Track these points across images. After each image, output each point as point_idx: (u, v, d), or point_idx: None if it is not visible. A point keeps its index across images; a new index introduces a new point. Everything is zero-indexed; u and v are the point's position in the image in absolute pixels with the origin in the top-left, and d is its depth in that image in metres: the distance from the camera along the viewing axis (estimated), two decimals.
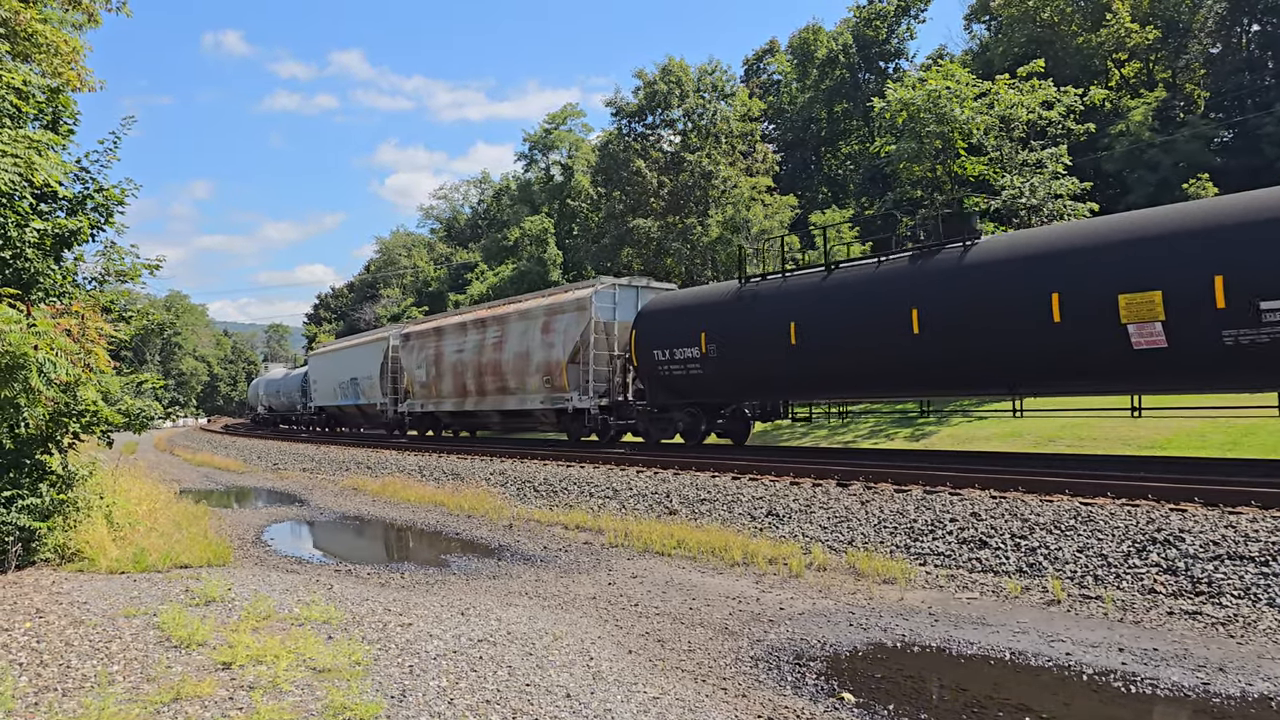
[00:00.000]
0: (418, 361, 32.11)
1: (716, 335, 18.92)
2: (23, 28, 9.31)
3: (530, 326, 25.79)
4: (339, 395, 41.07)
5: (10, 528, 9.41)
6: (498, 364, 27.01)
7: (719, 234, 39.21)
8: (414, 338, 32.93)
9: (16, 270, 9.56)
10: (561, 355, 23.98)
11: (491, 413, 28.24)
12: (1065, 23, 41.36)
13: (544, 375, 24.75)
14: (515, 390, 26.19)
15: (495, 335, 27.52)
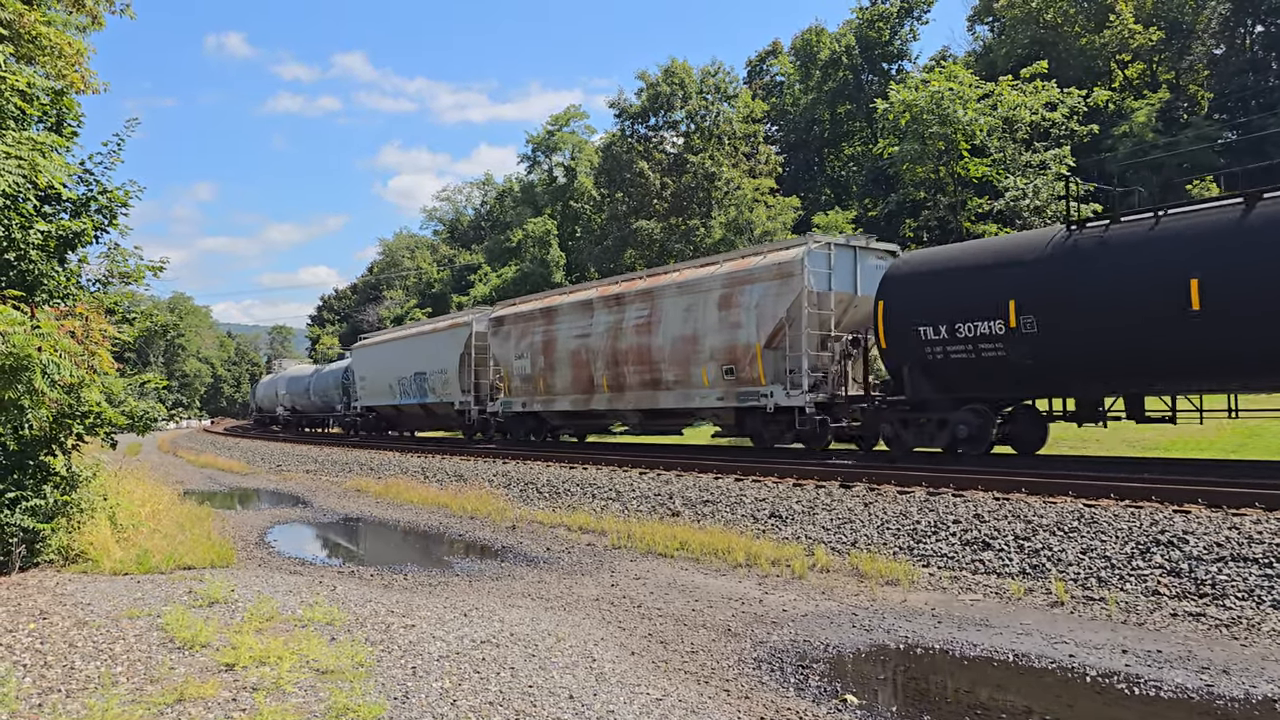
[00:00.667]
0: (517, 350, 25.99)
1: (1035, 301, 13.74)
2: (26, 30, 9.33)
3: (699, 302, 19.85)
4: (397, 393, 34.80)
5: (14, 529, 9.43)
6: (644, 350, 21.07)
7: (722, 235, 39.23)
8: (511, 322, 26.71)
9: (21, 272, 9.58)
10: (753, 337, 18.31)
11: (629, 412, 22.50)
12: (1068, 24, 41.33)
13: (724, 364, 19.07)
14: (674, 384, 20.40)
15: (640, 314, 21.51)
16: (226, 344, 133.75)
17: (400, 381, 34.29)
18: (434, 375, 31.42)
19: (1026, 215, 28.02)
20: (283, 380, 55.48)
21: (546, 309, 25.16)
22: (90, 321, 8.99)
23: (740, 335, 18.64)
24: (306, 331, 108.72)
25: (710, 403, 19.55)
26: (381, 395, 36.48)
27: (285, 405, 54.46)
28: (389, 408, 36.61)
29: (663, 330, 20.73)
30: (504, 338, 27.05)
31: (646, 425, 23.49)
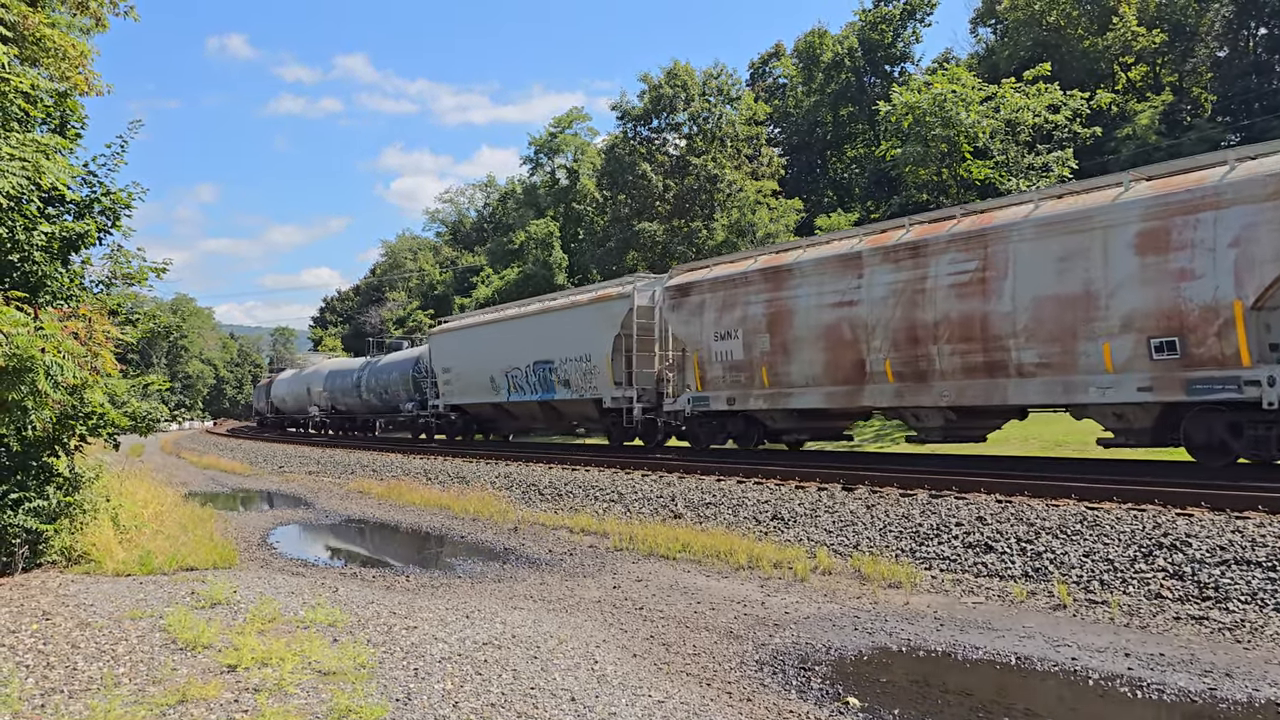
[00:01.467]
0: (719, 328, 19.09)
1: None
2: (31, 32, 9.36)
3: (1092, 244, 12.86)
4: (503, 389, 27.22)
5: (17, 530, 9.45)
6: (973, 319, 14.28)
7: (724, 237, 39.23)
8: (704, 290, 19.61)
9: (24, 273, 9.60)
10: (1228, 290, 11.40)
11: (932, 410, 15.52)
12: (1071, 26, 41.30)
13: (1156, 333, 12.09)
14: (1039, 367, 13.43)
15: (962, 267, 14.57)
16: (229, 345, 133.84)
17: (509, 374, 26.92)
18: (567, 365, 24.01)
19: None
20: (319, 376, 46.79)
21: (771, 270, 18.12)
22: (93, 323, 9.00)
23: (1193, 291, 11.81)
24: (309, 333, 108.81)
25: (1121, 395, 12.66)
26: (477, 392, 29.04)
27: (323, 404, 45.90)
28: (488, 407, 29.28)
29: (1007, 290, 13.91)
30: (691, 312, 19.87)
31: (956, 428, 16.05)
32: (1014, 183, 29.02)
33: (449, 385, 30.84)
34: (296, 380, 52.08)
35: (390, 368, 37.41)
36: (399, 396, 36.21)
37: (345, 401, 42.57)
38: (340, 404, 43.56)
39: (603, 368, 22.61)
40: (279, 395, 55.40)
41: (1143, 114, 36.30)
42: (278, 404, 56.16)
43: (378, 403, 38.91)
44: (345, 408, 43.30)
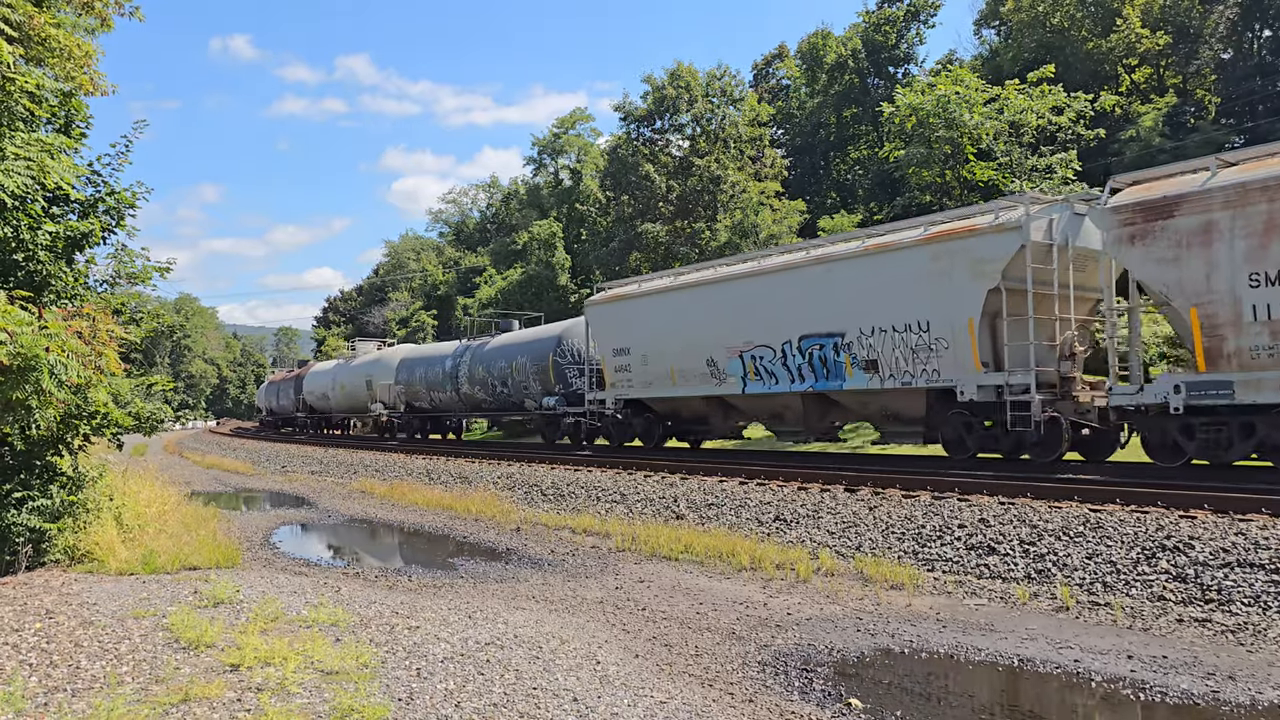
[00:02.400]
0: None
1: None
2: (36, 32, 9.37)
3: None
4: (737, 375, 19.32)
5: (21, 529, 9.47)
6: None
7: (727, 239, 39.18)
8: (1212, 205, 11.71)
9: (29, 272, 9.63)
10: None
11: None
12: (1075, 28, 41.25)
13: None
14: None
15: None
16: (232, 345, 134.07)
17: (744, 355, 18.96)
18: (877, 339, 16.27)
19: None
20: (385, 365, 37.81)
21: None
22: (97, 322, 9.02)
23: None
24: (312, 333, 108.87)
25: None
26: (677, 381, 20.83)
27: (390, 401, 37.26)
28: (696, 401, 20.92)
29: None
30: (1184, 244, 11.94)
31: None
32: (1017, 184, 28.98)
33: (625, 373, 22.22)
34: (346, 371, 42.21)
35: (511, 352, 28.55)
36: (527, 390, 27.66)
37: (434, 397, 34.05)
38: (424, 400, 35.06)
39: (958, 341, 14.93)
40: (316, 391, 46.51)
41: (1146, 116, 36.26)
42: (313, 401, 47.22)
43: (487, 397, 30.40)
44: (433, 404, 34.73)
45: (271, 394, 59.59)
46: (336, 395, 43.61)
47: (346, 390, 42.22)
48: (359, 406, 41.44)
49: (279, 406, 56.81)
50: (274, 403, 58.35)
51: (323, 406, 46.65)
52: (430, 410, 35.76)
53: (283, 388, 56.13)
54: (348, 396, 42.23)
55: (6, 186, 8.15)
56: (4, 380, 7.49)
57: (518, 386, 28.14)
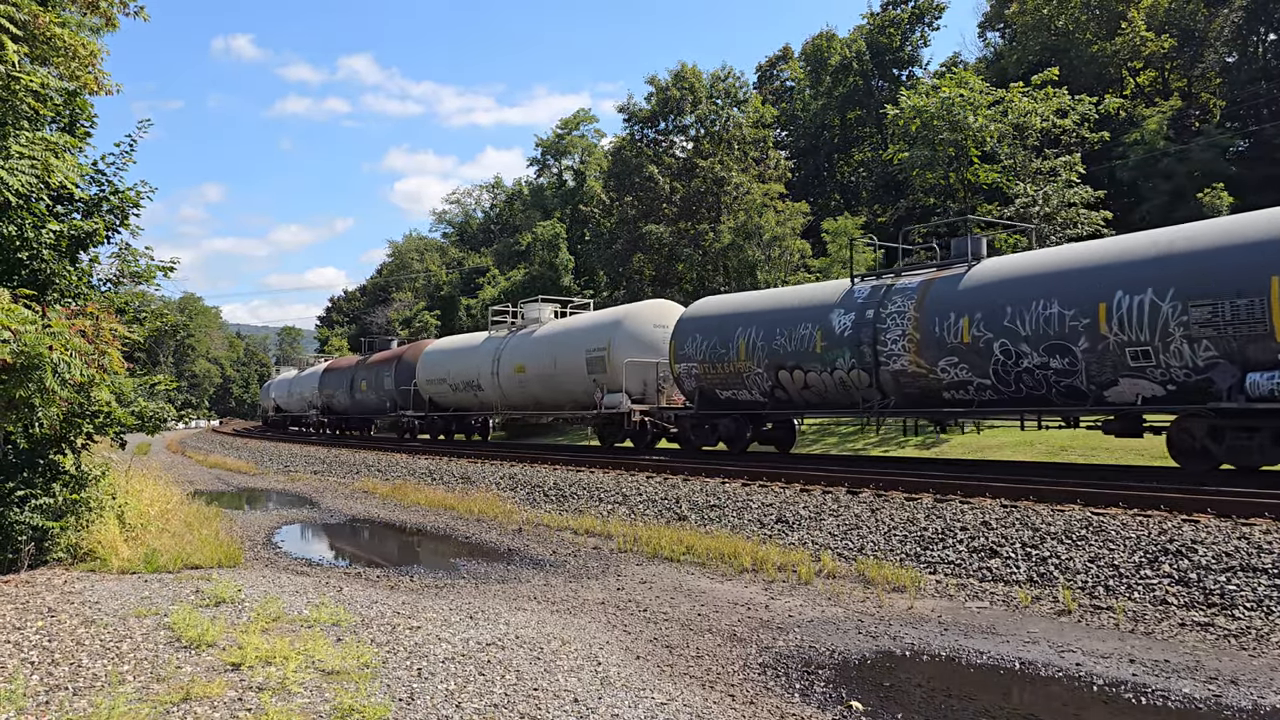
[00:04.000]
0: None
1: None
2: (41, 31, 9.38)
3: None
4: None
5: (23, 527, 9.48)
6: None
7: (731, 240, 39.18)
8: None
9: (33, 271, 9.64)
10: None
11: None
12: (1080, 31, 41.23)
13: None
14: None
15: None
16: (236, 344, 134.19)
17: None
18: None
19: (1036, 222, 27.96)
20: (448, 353, 30.74)
21: None
22: (101, 321, 9.02)
23: None
24: (315, 333, 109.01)
25: None
26: None
27: (513, 390, 27.29)
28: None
29: None
30: None
31: None
32: (1021, 186, 28.98)
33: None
34: (431, 361, 32.16)
35: (715, 319, 20.22)
36: (746, 384, 19.01)
37: (554, 387, 25.51)
38: (531, 393, 26.71)
39: None
40: (376, 387, 36.94)
41: (1151, 119, 36.22)
42: (436, 397, 32.52)
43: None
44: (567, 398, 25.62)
45: (321, 386, 44.63)
46: (417, 386, 33.23)
47: (398, 381, 34.65)
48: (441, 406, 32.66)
49: (342, 402, 42.36)
50: (325, 398, 44.24)
51: (447, 401, 32.40)
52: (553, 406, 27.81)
53: (372, 374, 38.08)
54: (458, 388, 31.18)
55: (11, 185, 8.16)
56: (8, 379, 7.50)
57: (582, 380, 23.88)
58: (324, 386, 44.72)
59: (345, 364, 43.50)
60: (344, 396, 41.77)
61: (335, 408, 43.89)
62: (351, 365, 41.79)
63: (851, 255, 22.95)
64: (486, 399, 29.56)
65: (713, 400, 20.17)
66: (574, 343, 24.70)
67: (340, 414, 43.92)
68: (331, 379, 43.92)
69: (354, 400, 40.59)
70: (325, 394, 44.52)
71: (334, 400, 43.44)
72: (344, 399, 41.93)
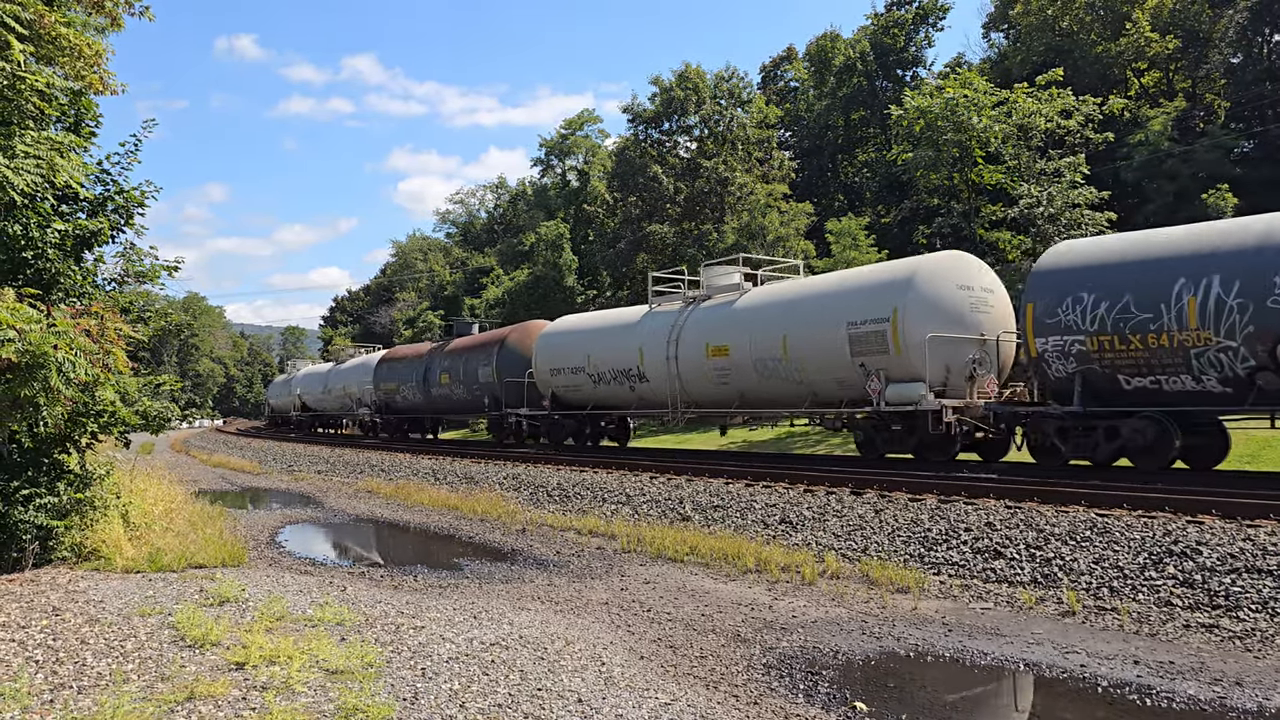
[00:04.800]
0: None
1: None
2: (47, 31, 9.40)
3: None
4: None
5: (28, 526, 9.50)
6: None
7: (734, 240, 39.15)
8: None
9: (38, 270, 9.66)
10: None
11: None
12: (1084, 31, 41.16)
13: None
14: None
15: None
16: (239, 344, 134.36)
17: None
18: None
19: (1040, 223, 27.93)
20: (673, 323, 21.40)
21: None
22: (105, 320, 9.04)
23: None
24: (319, 332, 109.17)
25: None
26: None
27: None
28: None
29: None
30: None
31: None
32: (1025, 187, 28.94)
33: None
34: (618, 336, 23.28)
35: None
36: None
37: None
38: None
39: None
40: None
41: (1155, 120, 36.15)
42: (562, 391, 25.12)
43: None
44: None
45: (379, 379, 37.29)
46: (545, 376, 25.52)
47: (502, 374, 27.52)
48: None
49: (410, 398, 34.85)
50: (383, 394, 36.95)
51: (571, 397, 25.02)
52: None
53: (458, 364, 30.62)
54: (511, 386, 26.90)
55: (16, 184, 8.18)
56: (12, 378, 7.51)
57: None
58: (382, 380, 37.07)
59: (413, 352, 36.22)
60: (414, 391, 34.03)
61: (399, 405, 36.42)
62: (424, 353, 34.32)
63: None
64: (653, 392, 22.00)
65: (1107, 391, 13.76)
66: (823, 313, 17.70)
67: (406, 413, 36.80)
68: (394, 371, 36.23)
69: (430, 396, 33.04)
70: (383, 389, 36.92)
71: (398, 396, 35.84)
72: (414, 394, 34.20)
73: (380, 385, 37.55)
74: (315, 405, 48.23)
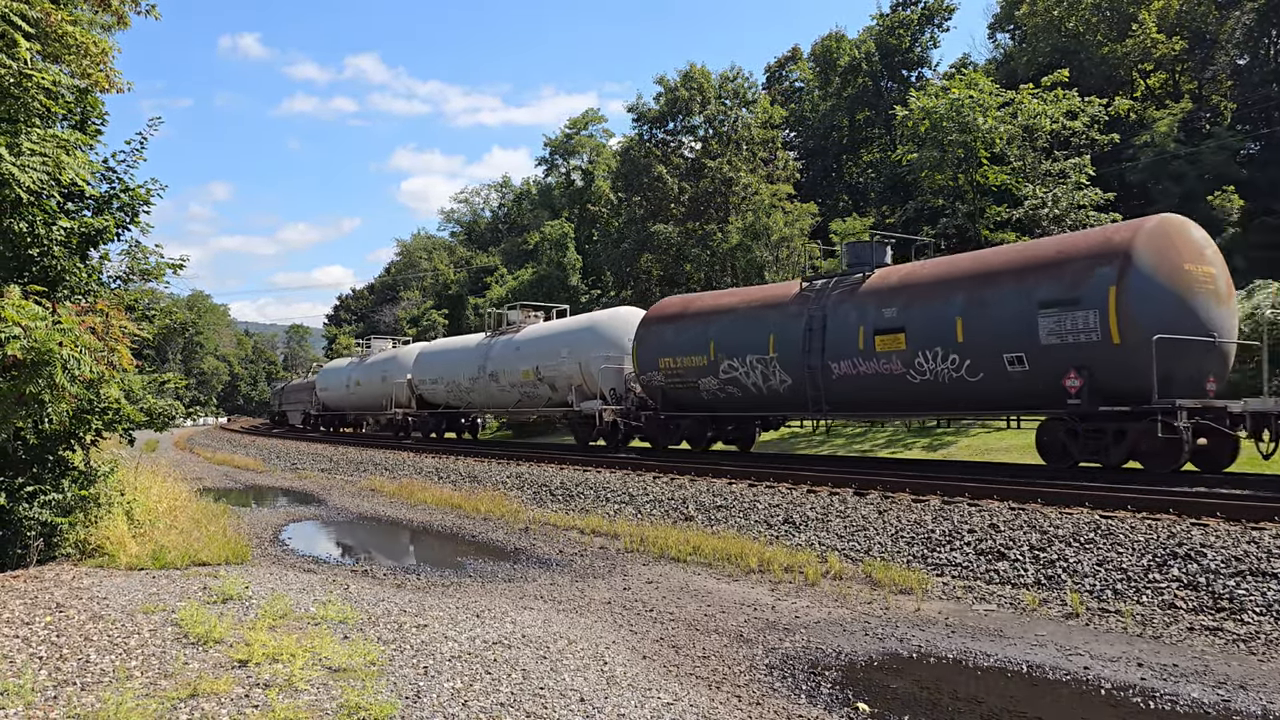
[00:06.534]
0: None
1: None
2: (53, 29, 9.41)
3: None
4: None
5: (32, 522, 9.52)
6: None
7: (739, 240, 39.14)
8: None
9: (43, 268, 9.68)
10: None
11: None
12: (1090, 32, 41.07)
13: None
14: None
15: None
16: (244, 342, 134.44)
17: None
18: None
19: (1045, 224, 27.89)
20: None
21: None
22: (110, 318, 9.05)
23: None
24: (323, 331, 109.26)
25: None
26: None
27: None
28: None
29: None
30: None
31: None
32: (1030, 188, 28.90)
33: None
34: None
35: None
36: None
37: None
38: None
39: None
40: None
41: (1161, 121, 36.07)
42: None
43: None
44: None
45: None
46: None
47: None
48: None
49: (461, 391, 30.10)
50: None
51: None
52: None
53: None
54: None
55: (22, 182, 8.19)
56: (18, 374, 7.52)
57: None
58: (425, 374, 32.03)
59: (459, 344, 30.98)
60: (466, 386, 29.70)
61: (446, 400, 31.86)
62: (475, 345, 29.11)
63: None
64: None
65: None
66: None
67: (454, 409, 31.57)
68: (439, 362, 31.28)
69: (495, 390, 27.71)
70: (428, 383, 32.06)
71: (440, 389, 31.28)
72: (467, 388, 29.76)
73: (423, 380, 33.12)
74: (336, 404, 44.05)
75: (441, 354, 32.31)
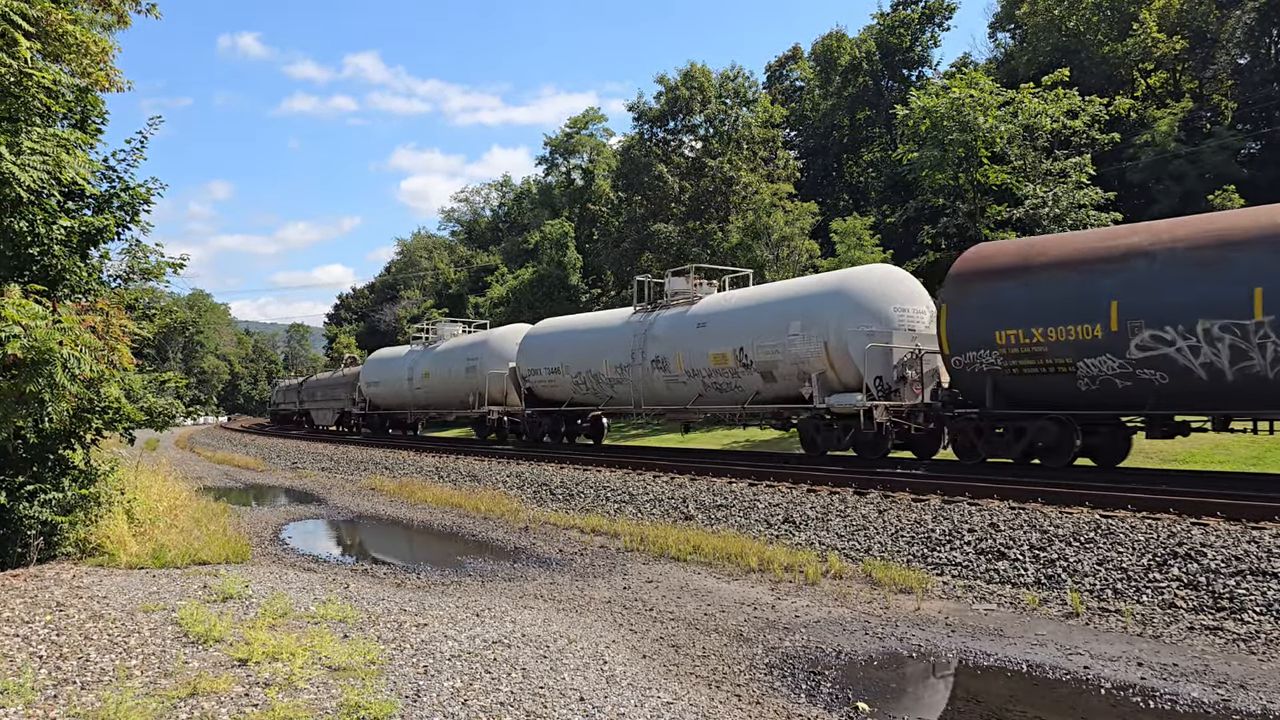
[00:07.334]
0: None
1: None
2: (54, 28, 9.42)
3: None
4: None
5: (32, 521, 9.52)
6: None
7: (739, 240, 39.12)
8: None
9: (44, 267, 9.68)
10: None
11: None
12: (1091, 32, 41.05)
13: None
14: None
15: None
16: (244, 341, 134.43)
17: None
18: None
19: (1046, 223, 27.88)
20: None
21: None
22: (111, 317, 9.06)
23: None
24: (324, 330, 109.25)
25: None
26: None
27: None
28: None
29: None
30: None
31: None
32: (1031, 188, 28.88)
33: None
34: None
35: None
36: None
37: None
38: None
39: None
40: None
41: (1162, 121, 36.06)
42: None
43: None
44: None
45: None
46: None
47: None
48: None
49: None
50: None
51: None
52: None
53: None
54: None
55: (23, 181, 8.20)
56: (18, 373, 7.53)
57: None
58: (538, 363, 25.43)
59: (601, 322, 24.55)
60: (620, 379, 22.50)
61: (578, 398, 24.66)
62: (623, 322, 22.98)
63: None
64: None
65: None
66: None
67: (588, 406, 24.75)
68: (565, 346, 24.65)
69: None
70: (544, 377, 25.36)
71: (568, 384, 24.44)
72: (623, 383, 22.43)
73: (535, 370, 25.71)
74: (392, 402, 37.31)
75: (564, 336, 25.05)
